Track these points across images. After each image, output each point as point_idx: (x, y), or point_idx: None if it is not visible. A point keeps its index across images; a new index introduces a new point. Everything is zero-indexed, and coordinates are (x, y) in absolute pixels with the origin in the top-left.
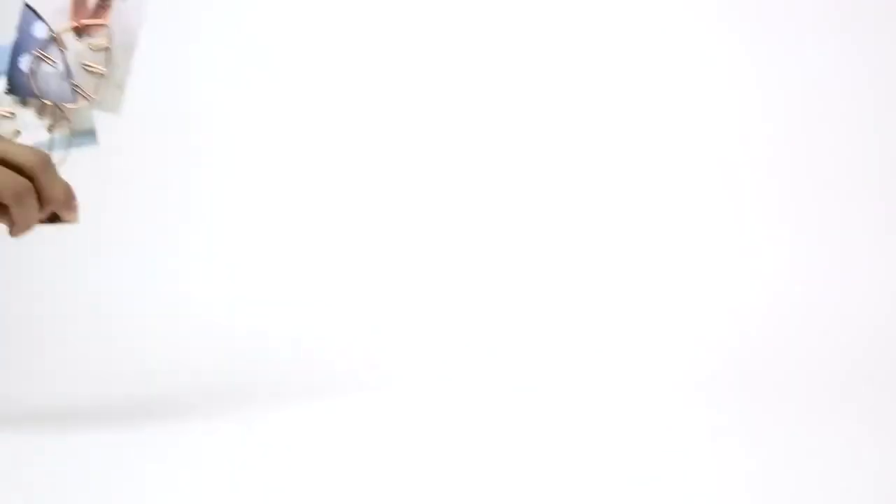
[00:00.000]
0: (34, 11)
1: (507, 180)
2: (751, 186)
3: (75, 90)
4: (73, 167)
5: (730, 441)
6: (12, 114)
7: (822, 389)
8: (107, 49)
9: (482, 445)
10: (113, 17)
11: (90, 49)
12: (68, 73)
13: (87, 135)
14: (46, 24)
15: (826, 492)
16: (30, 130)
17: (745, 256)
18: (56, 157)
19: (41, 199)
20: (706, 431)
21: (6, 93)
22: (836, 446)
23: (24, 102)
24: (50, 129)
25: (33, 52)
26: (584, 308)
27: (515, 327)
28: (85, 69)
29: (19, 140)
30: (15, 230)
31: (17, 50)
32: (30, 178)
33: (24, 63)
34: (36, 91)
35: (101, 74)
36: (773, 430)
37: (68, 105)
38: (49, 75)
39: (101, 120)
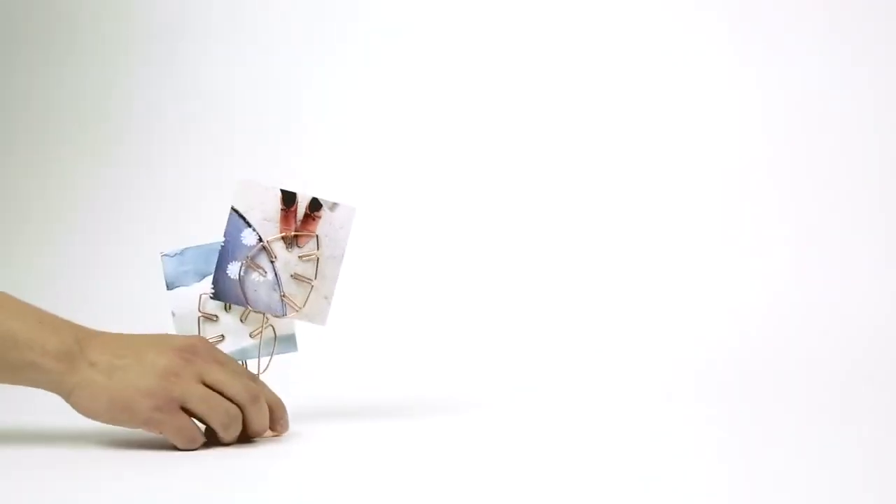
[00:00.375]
0: (243, 218)
1: (506, 181)
2: (750, 188)
3: (284, 301)
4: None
5: (729, 440)
6: (216, 317)
7: (822, 389)
8: (317, 260)
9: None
10: (321, 227)
11: (300, 259)
12: (278, 284)
13: (287, 341)
14: (256, 231)
15: (826, 490)
16: (232, 335)
17: (746, 257)
18: (262, 363)
19: (246, 428)
20: (706, 430)
21: (211, 297)
22: (835, 445)
23: (227, 307)
24: (252, 335)
25: (243, 260)
26: (584, 310)
27: (515, 328)
28: (294, 279)
29: (222, 346)
30: (217, 443)
31: (226, 256)
32: (240, 407)
33: (233, 270)
34: (244, 300)
35: (311, 285)
36: (773, 429)
37: (277, 315)
38: (258, 284)
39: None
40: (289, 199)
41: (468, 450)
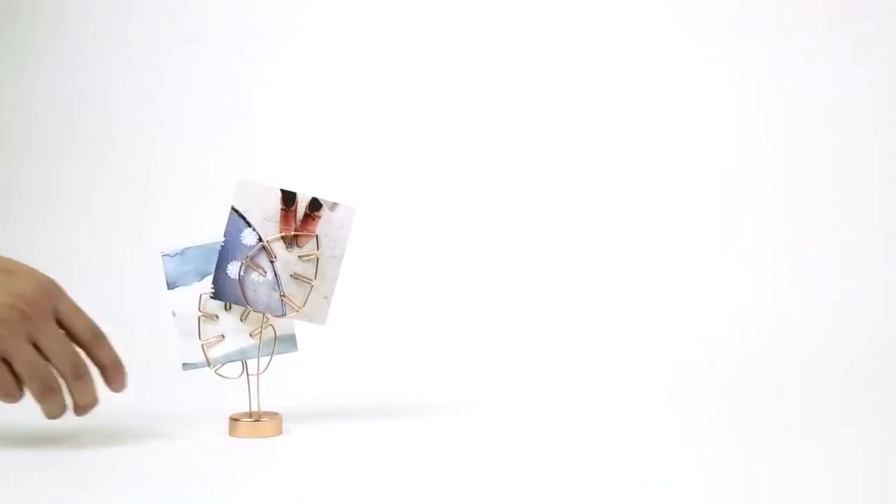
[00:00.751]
0: (243, 218)
1: (507, 182)
2: (749, 188)
3: (284, 301)
4: None
5: (729, 440)
6: (216, 317)
7: (822, 389)
8: (317, 260)
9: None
10: (321, 227)
11: (300, 259)
12: (278, 284)
13: (287, 341)
14: (256, 231)
15: (826, 490)
16: (232, 335)
17: (745, 257)
18: (262, 363)
19: (73, 402)
20: (706, 431)
21: (211, 297)
22: (835, 445)
23: (227, 307)
24: (252, 335)
25: (243, 261)
26: (584, 310)
27: (515, 328)
28: (294, 279)
29: (222, 345)
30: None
31: (226, 255)
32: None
33: (233, 270)
34: (244, 300)
35: (311, 285)
36: (773, 429)
37: (277, 315)
38: (258, 284)
39: None
40: (289, 198)
41: (468, 450)
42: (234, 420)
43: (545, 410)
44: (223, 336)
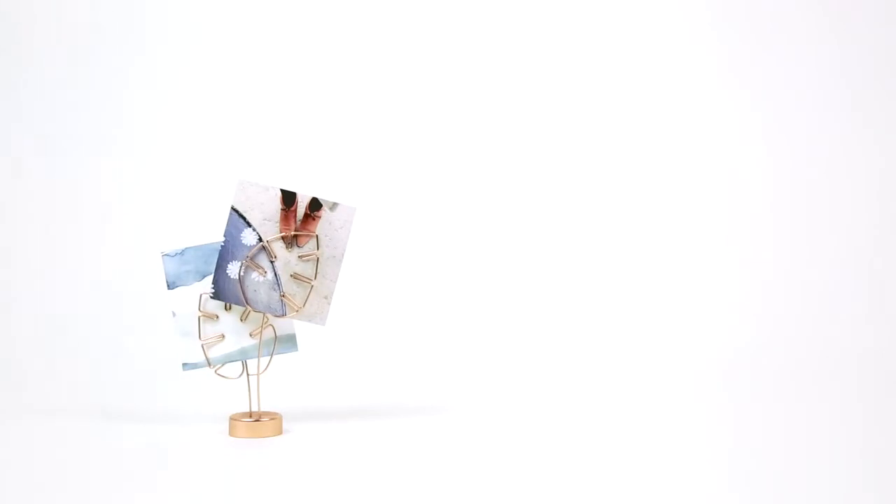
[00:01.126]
0: (243, 218)
1: (507, 185)
2: (748, 191)
3: (284, 301)
4: None
5: (727, 440)
6: (216, 317)
7: (821, 388)
8: (317, 260)
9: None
10: (321, 227)
11: (300, 259)
12: (278, 284)
13: (287, 341)
14: (256, 232)
15: (826, 490)
16: (232, 335)
17: (745, 259)
18: (262, 363)
19: None
20: (704, 431)
21: (211, 297)
22: (835, 445)
23: (227, 307)
24: (252, 335)
25: (243, 261)
26: (583, 310)
27: (515, 329)
28: (294, 279)
29: (222, 345)
30: None
31: (226, 255)
32: None
33: (233, 270)
34: (244, 300)
35: (311, 285)
36: (771, 429)
37: (276, 315)
38: (258, 284)
39: None
40: (289, 198)
41: (467, 450)
42: (234, 420)
43: (543, 411)
44: (223, 336)
